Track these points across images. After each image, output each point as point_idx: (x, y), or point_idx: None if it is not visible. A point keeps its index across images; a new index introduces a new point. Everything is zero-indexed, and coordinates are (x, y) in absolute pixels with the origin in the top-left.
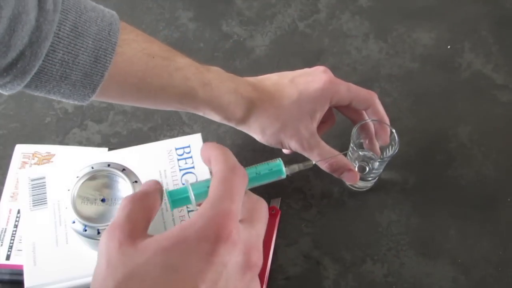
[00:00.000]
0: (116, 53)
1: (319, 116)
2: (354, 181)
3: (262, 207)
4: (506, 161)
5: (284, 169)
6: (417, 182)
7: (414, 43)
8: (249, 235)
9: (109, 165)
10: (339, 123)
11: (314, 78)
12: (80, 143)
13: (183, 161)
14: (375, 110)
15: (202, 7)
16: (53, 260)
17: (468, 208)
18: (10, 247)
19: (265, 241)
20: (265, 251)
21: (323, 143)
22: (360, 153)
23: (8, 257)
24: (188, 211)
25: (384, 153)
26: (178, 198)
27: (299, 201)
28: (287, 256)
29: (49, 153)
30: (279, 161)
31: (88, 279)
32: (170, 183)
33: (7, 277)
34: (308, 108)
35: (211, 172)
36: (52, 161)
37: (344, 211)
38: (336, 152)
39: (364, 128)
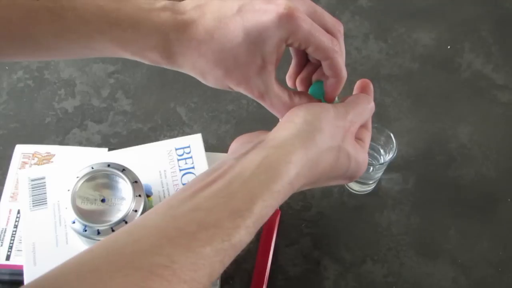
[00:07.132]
0: None
1: (275, 57)
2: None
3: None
4: (506, 161)
5: None
6: (417, 182)
7: (414, 43)
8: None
9: (109, 165)
10: None
11: (267, 8)
12: (80, 143)
13: (183, 161)
14: (332, 64)
15: None
16: (53, 260)
17: (468, 208)
18: (10, 247)
19: (265, 241)
20: (265, 251)
21: (276, 89)
22: None
23: (8, 257)
24: None
25: (382, 158)
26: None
27: (299, 201)
28: (287, 256)
29: (49, 153)
30: None
31: None
32: (170, 183)
33: (7, 277)
34: (258, 49)
35: None
36: (52, 161)
37: (344, 211)
38: (295, 100)
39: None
